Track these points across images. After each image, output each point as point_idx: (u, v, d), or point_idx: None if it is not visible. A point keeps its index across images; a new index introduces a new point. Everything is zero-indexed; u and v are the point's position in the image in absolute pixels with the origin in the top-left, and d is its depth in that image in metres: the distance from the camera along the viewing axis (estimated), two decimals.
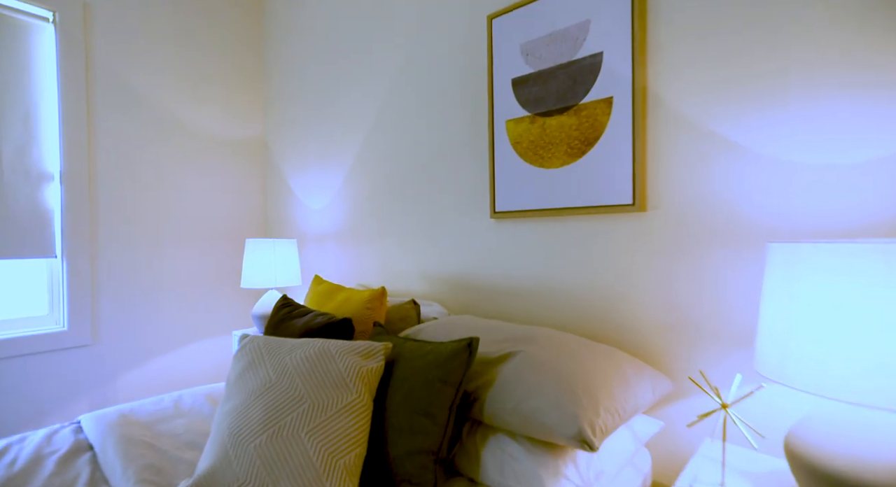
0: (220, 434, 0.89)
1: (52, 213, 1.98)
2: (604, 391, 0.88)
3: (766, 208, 0.99)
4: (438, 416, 0.92)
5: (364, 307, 1.31)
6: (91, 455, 1.08)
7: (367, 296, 1.33)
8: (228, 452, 0.86)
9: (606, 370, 0.94)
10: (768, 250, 0.72)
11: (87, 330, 2.04)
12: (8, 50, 1.87)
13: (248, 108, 2.60)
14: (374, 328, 1.22)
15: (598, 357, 0.99)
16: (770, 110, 0.99)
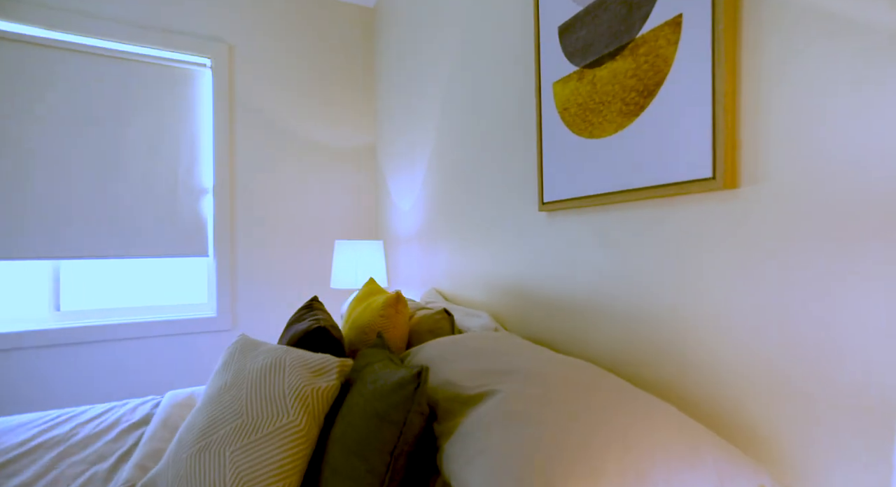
0: (176, 438, 0.88)
1: (207, 220, 2.44)
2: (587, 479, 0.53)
3: None
4: (373, 460, 0.71)
5: (378, 315, 1.17)
6: (143, 431, 1.22)
7: (381, 304, 1.18)
8: (169, 458, 0.83)
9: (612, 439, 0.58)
10: None
11: (229, 317, 2.44)
12: (180, 92, 2.37)
13: (361, 120, 2.75)
14: (375, 339, 1.07)
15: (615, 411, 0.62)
16: None
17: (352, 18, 2.72)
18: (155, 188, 2.30)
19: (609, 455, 0.55)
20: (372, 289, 1.45)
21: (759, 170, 0.69)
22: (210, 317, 2.39)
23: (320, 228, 2.65)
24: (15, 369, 2.00)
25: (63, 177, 2.12)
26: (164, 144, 2.32)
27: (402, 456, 0.72)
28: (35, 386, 2.03)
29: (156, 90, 2.30)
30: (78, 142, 2.14)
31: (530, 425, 0.61)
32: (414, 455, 0.77)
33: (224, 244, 2.42)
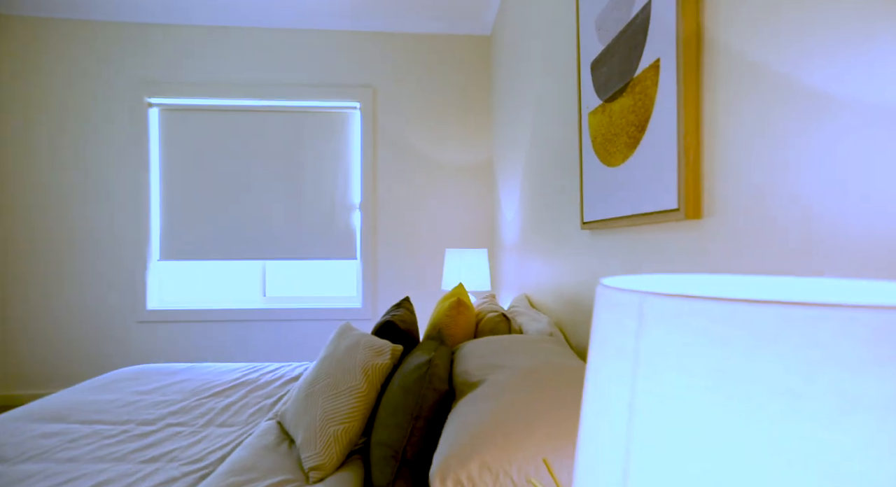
0: (297, 387, 1.32)
1: (355, 230, 3.08)
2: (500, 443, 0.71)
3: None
4: (400, 420, 1.00)
5: (444, 316, 1.45)
6: (294, 384, 1.76)
7: (447, 306, 1.45)
8: (292, 399, 1.27)
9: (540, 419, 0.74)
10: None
11: (371, 307, 3.04)
12: (337, 131, 3.06)
13: (479, 138, 3.06)
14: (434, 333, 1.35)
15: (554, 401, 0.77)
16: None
17: (472, 47, 3.05)
18: (319, 206, 3.03)
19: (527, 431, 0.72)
20: (455, 293, 1.74)
21: (717, 203, 0.74)
22: (357, 308, 3.02)
23: (443, 236, 3.05)
24: (233, 334, 2.92)
25: (264, 200, 2.98)
26: (325, 172, 3.03)
27: (420, 420, 0.99)
28: (243, 347, 2.93)
29: (319, 131, 3.03)
30: (271, 174, 2.99)
31: (487, 402, 0.81)
32: (433, 422, 1.02)
33: (368, 250, 3.02)
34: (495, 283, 2.97)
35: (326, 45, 3.00)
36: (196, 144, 2.95)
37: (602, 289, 0.35)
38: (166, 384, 1.73)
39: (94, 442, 1.24)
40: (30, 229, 2.86)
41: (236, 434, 1.33)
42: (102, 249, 2.89)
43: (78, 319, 2.87)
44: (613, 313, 0.33)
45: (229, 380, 1.78)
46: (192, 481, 1.06)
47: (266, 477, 1.03)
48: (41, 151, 2.86)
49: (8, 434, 1.26)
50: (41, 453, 1.17)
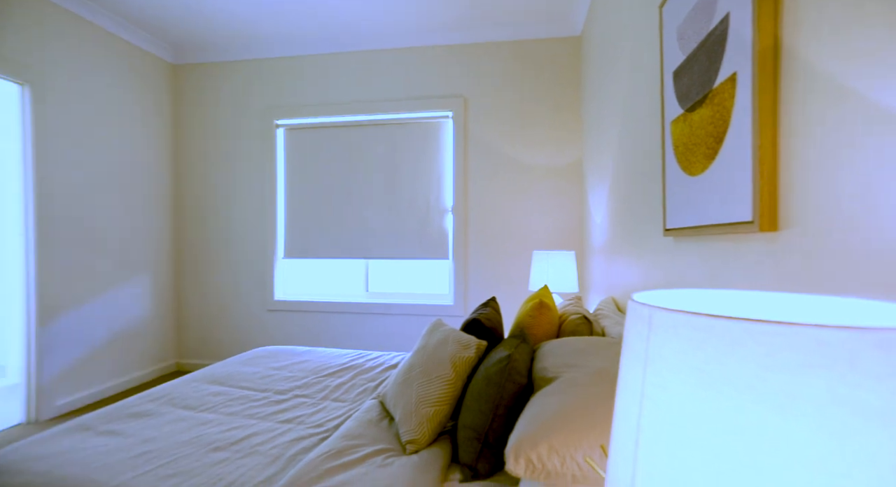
0: (395, 372, 1.52)
1: (448, 232, 3.29)
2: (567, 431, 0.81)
3: None
4: (484, 406, 1.14)
5: (527, 316, 1.54)
6: (393, 371, 1.99)
7: (529, 307, 1.55)
8: (391, 383, 1.47)
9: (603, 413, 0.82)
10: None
11: (462, 305, 3.22)
12: (431, 139, 3.29)
13: (569, 139, 3.07)
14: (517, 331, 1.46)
15: None
16: None
17: (560, 49, 3.06)
18: (415, 210, 3.28)
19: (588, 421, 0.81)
20: (538, 295, 1.82)
21: (794, 217, 0.74)
22: (448, 305, 3.22)
23: (531, 237, 3.12)
24: (340, 324, 3.31)
25: (367, 205, 3.33)
26: (420, 178, 3.28)
27: (501, 408, 1.11)
28: (349, 335, 3.30)
29: (415, 140, 3.28)
30: (373, 182, 3.32)
31: (558, 396, 0.91)
32: (513, 410, 1.14)
33: (459, 250, 3.21)
34: (583, 285, 2.96)
35: (420, 60, 3.24)
36: (312, 158, 3.40)
37: (631, 303, 0.44)
38: (292, 362, 2.08)
39: (245, 403, 1.58)
40: (194, 230, 3.56)
41: (347, 408, 1.58)
42: (242, 248, 3.48)
43: (225, 306, 3.51)
44: (635, 322, 0.42)
45: (340, 364, 2.07)
46: (316, 441, 1.31)
47: (372, 444, 1.24)
48: (199, 167, 3.54)
49: (190, 390, 1.66)
50: (212, 406, 1.53)
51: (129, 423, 1.38)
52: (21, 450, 1.17)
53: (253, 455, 1.20)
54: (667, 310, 0.37)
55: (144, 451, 1.19)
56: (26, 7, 2.47)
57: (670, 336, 0.37)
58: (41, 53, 2.55)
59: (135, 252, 3.21)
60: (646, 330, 0.40)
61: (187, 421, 1.41)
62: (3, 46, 2.36)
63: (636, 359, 0.41)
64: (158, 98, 3.42)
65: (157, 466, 1.12)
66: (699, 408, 0.34)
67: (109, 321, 2.99)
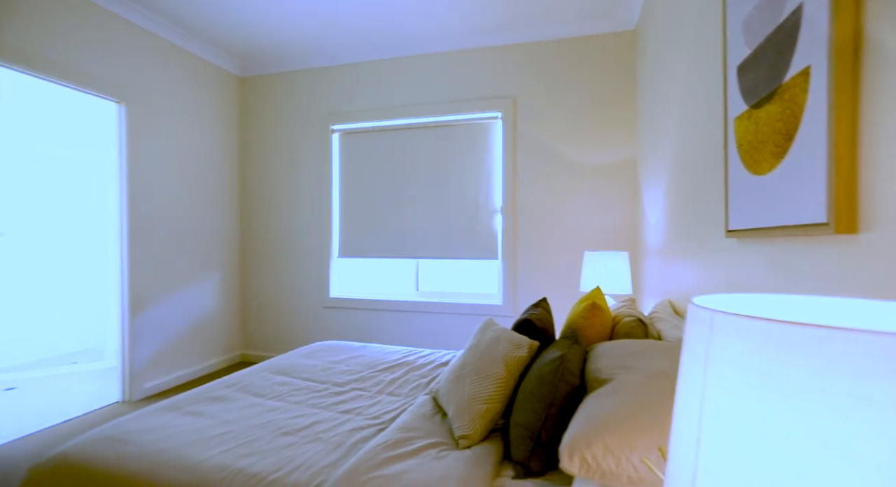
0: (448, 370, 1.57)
1: (497, 232, 3.30)
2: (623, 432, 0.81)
3: None
4: (536, 405, 1.15)
5: (579, 317, 1.53)
6: (444, 369, 2.04)
7: (581, 309, 1.53)
8: (444, 379, 1.52)
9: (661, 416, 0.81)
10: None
11: (511, 305, 3.22)
12: (480, 140, 3.32)
13: (622, 137, 2.98)
14: (569, 333, 1.46)
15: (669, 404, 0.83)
16: None
17: (613, 44, 2.98)
18: (464, 210, 3.33)
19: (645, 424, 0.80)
20: (591, 296, 1.80)
21: (877, 218, 0.70)
22: (497, 305, 3.24)
23: (582, 238, 3.06)
24: (391, 321, 3.41)
25: (418, 206, 3.41)
26: (469, 178, 3.32)
27: (553, 407, 1.13)
28: (400, 332, 3.40)
29: (465, 141, 3.32)
30: (423, 183, 3.39)
31: (613, 397, 0.91)
32: (565, 410, 1.15)
33: (509, 250, 3.21)
34: (637, 287, 2.86)
35: (469, 63, 3.28)
36: (365, 160, 3.54)
37: (691, 306, 0.45)
38: (349, 357, 2.19)
39: (308, 393, 1.69)
40: (259, 231, 3.82)
41: (401, 402, 1.65)
42: (301, 247, 3.69)
43: (285, 302, 3.73)
44: (696, 324, 0.43)
45: (393, 360, 2.15)
46: (374, 431, 1.38)
47: (426, 437, 1.29)
48: (263, 172, 3.79)
49: (259, 379, 1.80)
50: (279, 395, 1.66)
51: (210, 406, 1.52)
52: (125, 424, 1.33)
53: (317, 442, 1.29)
54: (729, 314, 0.38)
55: (224, 432, 1.32)
56: (125, 36, 2.77)
57: (733, 339, 0.38)
58: (135, 75, 2.85)
59: (208, 251, 3.49)
60: (707, 333, 0.41)
61: (257, 407, 1.54)
62: (107, 71, 2.66)
63: (696, 361, 0.42)
64: (228, 109, 3.70)
65: (235, 445, 1.24)
66: (764, 411, 0.35)
67: (186, 314, 3.29)
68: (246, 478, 1.08)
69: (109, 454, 1.18)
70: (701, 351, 0.42)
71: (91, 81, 2.57)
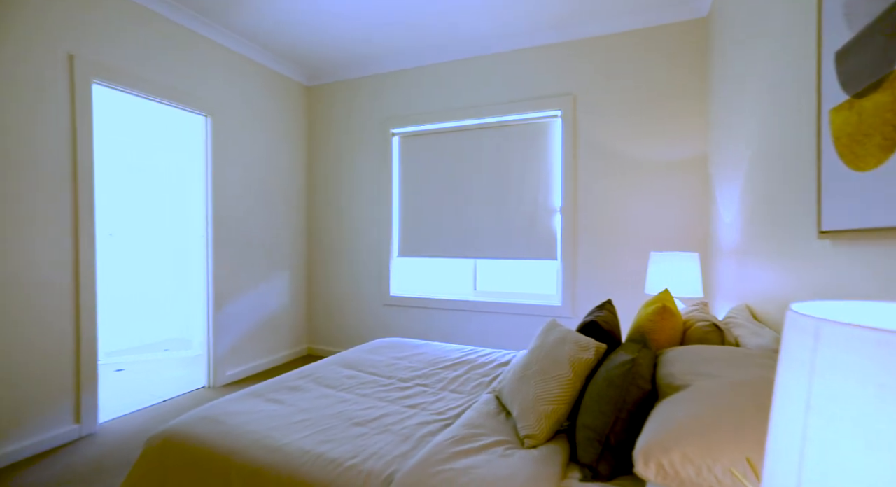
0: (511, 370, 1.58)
1: (556, 232, 3.24)
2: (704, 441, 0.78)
3: None
4: (605, 408, 1.14)
5: (648, 320, 1.47)
6: (504, 369, 2.05)
7: (650, 312, 1.47)
8: (508, 379, 1.53)
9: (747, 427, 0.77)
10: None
11: (570, 306, 3.16)
12: (539, 139, 3.29)
13: (691, 131, 2.82)
14: (637, 336, 1.41)
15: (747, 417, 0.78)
16: None
17: (682, 34, 2.83)
18: (523, 210, 3.30)
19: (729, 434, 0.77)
20: (660, 299, 1.73)
21: None
22: (556, 306, 3.19)
23: (647, 238, 2.93)
24: (449, 320, 3.46)
25: (476, 206, 3.44)
26: (528, 178, 3.29)
27: (623, 412, 1.10)
28: (457, 331, 3.44)
29: (523, 141, 3.30)
30: (482, 183, 3.41)
31: (692, 404, 0.88)
32: (635, 415, 1.12)
33: (568, 251, 3.15)
34: (709, 290, 2.69)
35: (528, 62, 3.25)
36: (423, 162, 3.62)
37: (791, 314, 0.44)
38: (411, 354, 2.26)
39: (375, 387, 1.77)
40: (323, 231, 4.04)
41: (464, 399, 1.68)
42: (362, 247, 3.85)
43: (347, 300, 3.91)
44: (796, 333, 0.42)
45: (454, 358, 2.20)
46: (440, 426, 1.43)
47: (492, 435, 1.31)
48: (327, 175, 4.00)
49: (329, 371, 1.92)
50: (348, 387, 1.76)
51: (288, 395, 1.64)
52: (219, 406, 1.48)
53: (386, 433, 1.36)
54: (840, 324, 0.37)
55: (303, 419, 1.42)
56: (210, 54, 3.05)
57: (844, 349, 0.37)
58: (218, 89, 3.12)
59: (278, 251, 3.75)
60: (811, 342, 0.40)
61: (330, 398, 1.64)
62: (196, 87, 2.95)
63: (798, 371, 0.41)
64: (297, 116, 3.94)
65: (313, 432, 1.33)
66: (881, 424, 0.33)
67: (259, 309, 3.55)
68: (325, 462, 1.16)
69: (207, 432, 1.32)
70: (804, 361, 0.40)
71: (183, 97, 2.85)
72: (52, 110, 2.23)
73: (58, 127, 2.25)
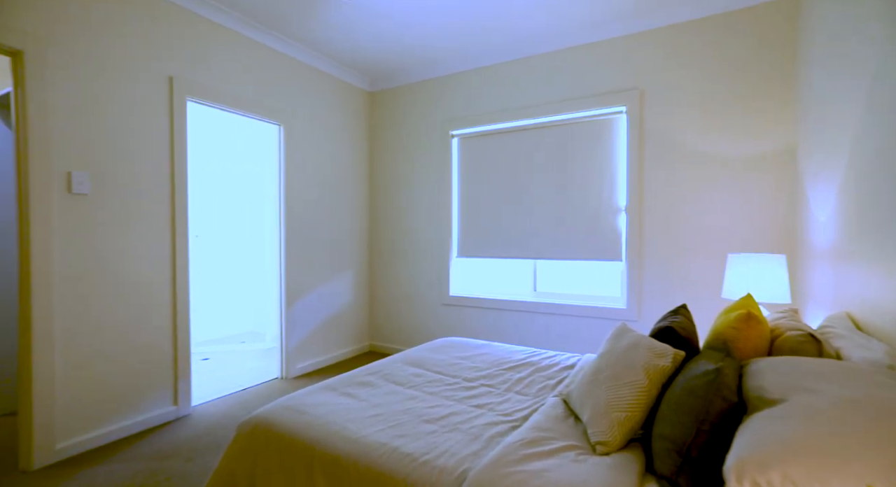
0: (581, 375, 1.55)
1: (621, 232, 3.13)
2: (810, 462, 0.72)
3: None
4: (685, 419, 1.09)
5: (730, 327, 1.38)
6: (569, 373, 2.02)
7: (733, 318, 1.38)
8: (578, 384, 1.51)
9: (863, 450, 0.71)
10: None
11: (636, 309, 3.03)
12: (602, 136, 3.18)
13: (775, 123, 2.60)
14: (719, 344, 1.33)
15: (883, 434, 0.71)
16: None
17: (767, 15, 2.61)
18: (585, 210, 3.22)
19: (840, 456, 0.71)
20: (743, 304, 1.62)
21: None
22: (621, 309, 3.07)
23: (721, 238, 2.75)
24: (508, 321, 3.45)
25: (536, 206, 3.39)
26: (591, 176, 3.20)
27: (706, 423, 1.05)
28: (517, 332, 3.41)
29: (585, 139, 3.21)
30: (542, 183, 3.36)
31: (792, 421, 0.82)
32: (718, 428, 1.06)
33: (634, 252, 3.03)
34: (797, 296, 2.47)
35: (590, 57, 3.15)
36: (483, 163, 3.64)
37: None
38: (474, 354, 2.28)
39: (441, 386, 1.81)
40: (384, 232, 4.18)
41: (530, 401, 1.67)
42: (422, 248, 3.93)
43: (408, 299, 4.02)
44: None
45: (517, 359, 2.19)
46: (507, 428, 1.43)
47: (562, 439, 1.30)
48: (388, 178, 4.13)
49: (396, 369, 1.99)
50: (415, 385, 1.81)
51: (360, 389, 1.73)
52: (298, 398, 1.59)
53: (455, 432, 1.39)
54: None
55: (376, 413, 1.49)
56: (281, 67, 3.27)
57: None
58: (288, 99, 3.34)
59: (342, 251, 3.93)
60: None
61: (399, 395, 1.70)
62: (270, 98, 3.17)
63: None
64: (359, 121, 4.11)
65: (386, 426, 1.39)
66: None
67: (326, 307, 3.74)
68: (401, 456, 1.21)
69: (292, 421, 1.43)
70: None
71: (259, 108, 3.08)
72: (156, 125, 2.51)
73: (160, 140, 2.53)
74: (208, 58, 2.79)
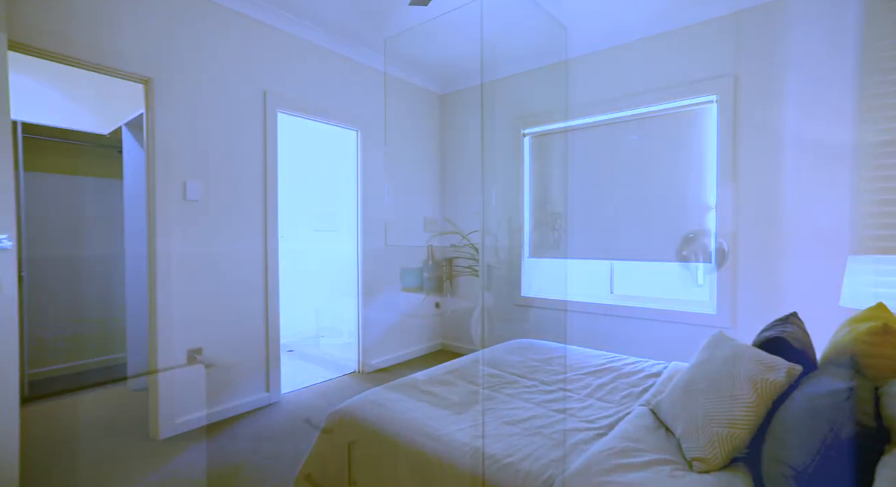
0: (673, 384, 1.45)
1: (710, 233, 2.88)
2: None
3: None
4: (805, 442, 0.97)
5: (860, 341, 1.20)
6: (654, 381, 1.89)
7: (864, 331, 1.20)
8: (670, 394, 1.41)
9: None
10: None
11: (728, 315, 2.77)
12: (688, 128, 2.95)
13: None
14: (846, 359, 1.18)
15: None
16: None
17: None
18: (669, 209, 3.00)
19: None
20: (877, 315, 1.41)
21: None
22: (710, 314, 2.83)
23: (832, 238, 2.42)
24: (582, 323, 3.32)
25: (613, 204, 3.23)
26: (675, 172, 2.98)
27: (833, 450, 0.93)
28: (591, 335, 3.28)
29: (668, 133, 3.00)
30: (621, 180, 3.19)
31: None
32: (850, 456, 0.94)
33: (725, 253, 2.77)
34: None
35: (674, 45, 2.93)
36: (557, 161, 3.54)
37: None
38: (550, 357, 2.23)
39: (519, 388, 1.79)
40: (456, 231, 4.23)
41: (614, 409, 1.60)
42: (497, 247, 3.92)
43: (479, 299, 4.02)
44: None
45: (596, 364, 2.10)
46: (592, 435, 1.38)
47: (652, 452, 1.22)
48: (459, 180, 4.16)
49: (473, 369, 2.00)
50: (491, 385, 1.81)
51: (439, 388, 1.76)
52: (380, 393, 1.66)
53: (538, 436, 1.36)
54: None
55: (456, 412, 1.51)
56: (359, 75, 3.44)
57: None
58: (365, 105, 3.50)
59: (414, 250, 4.03)
60: None
61: (476, 395, 1.70)
62: (348, 105, 3.35)
63: None
64: (431, 123, 4.19)
65: (467, 426, 1.40)
66: None
67: (398, 305, 3.86)
68: (484, 457, 1.21)
69: (376, 415, 1.49)
70: None
71: (339, 115, 3.26)
72: (251, 137, 2.76)
73: (254, 150, 2.77)
74: (296, 72, 3.00)
